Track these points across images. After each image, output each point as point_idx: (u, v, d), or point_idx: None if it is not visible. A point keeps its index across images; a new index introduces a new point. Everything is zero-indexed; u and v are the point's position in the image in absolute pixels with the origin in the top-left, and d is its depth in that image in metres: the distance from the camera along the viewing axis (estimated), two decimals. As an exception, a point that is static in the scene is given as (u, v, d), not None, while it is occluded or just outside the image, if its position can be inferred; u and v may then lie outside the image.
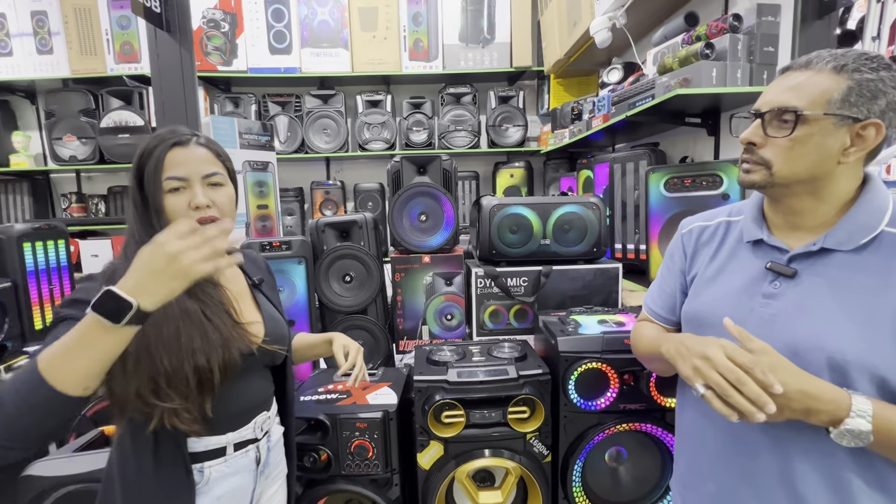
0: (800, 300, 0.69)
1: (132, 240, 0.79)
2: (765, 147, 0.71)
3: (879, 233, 0.67)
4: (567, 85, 3.17)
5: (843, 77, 0.65)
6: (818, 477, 0.66)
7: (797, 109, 0.66)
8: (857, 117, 0.65)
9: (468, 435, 1.19)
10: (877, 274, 0.65)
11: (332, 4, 3.05)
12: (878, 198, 0.69)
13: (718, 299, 0.78)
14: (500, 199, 1.59)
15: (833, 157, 0.67)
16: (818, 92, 0.66)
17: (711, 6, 1.88)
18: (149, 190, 0.78)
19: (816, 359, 0.65)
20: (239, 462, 0.84)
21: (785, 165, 0.69)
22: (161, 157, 0.78)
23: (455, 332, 1.63)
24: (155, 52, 1.36)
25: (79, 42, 3.07)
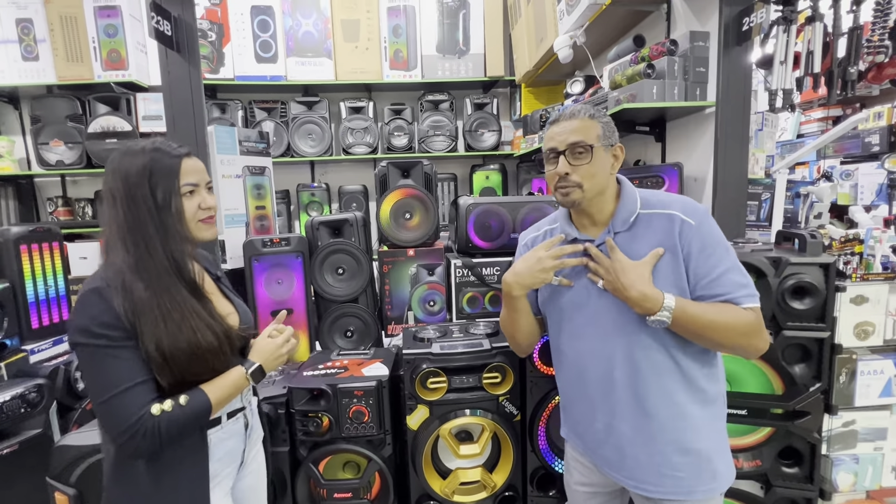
0: None
1: (131, 242, 0.87)
2: (573, 174, 0.97)
3: (637, 215, 0.99)
4: (537, 93, 3.43)
5: (596, 121, 0.99)
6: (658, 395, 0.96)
7: (587, 144, 0.96)
8: (612, 143, 1.00)
9: (450, 398, 1.40)
10: (640, 238, 0.97)
11: (316, 16, 3.22)
12: (631, 192, 1.02)
13: (560, 287, 1.06)
14: (475, 198, 1.81)
15: (608, 171, 1.00)
16: (592, 131, 0.97)
17: (656, 30, 2.15)
18: (163, 195, 0.89)
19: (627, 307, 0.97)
20: (232, 428, 1.01)
21: (589, 182, 0.98)
22: (177, 167, 0.91)
23: (437, 316, 1.84)
24: (166, 69, 1.52)
25: (65, 49, 3.14)
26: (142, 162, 0.89)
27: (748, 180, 1.75)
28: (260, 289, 1.71)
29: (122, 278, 0.85)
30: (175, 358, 0.86)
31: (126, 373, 0.84)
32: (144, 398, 0.84)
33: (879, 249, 1.44)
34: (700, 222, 0.95)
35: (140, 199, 0.88)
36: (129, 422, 0.82)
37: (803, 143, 2.88)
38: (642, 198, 1.01)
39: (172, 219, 0.90)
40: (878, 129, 2.35)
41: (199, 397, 0.89)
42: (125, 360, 0.84)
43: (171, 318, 0.86)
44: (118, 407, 0.82)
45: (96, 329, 0.82)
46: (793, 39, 1.66)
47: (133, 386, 0.84)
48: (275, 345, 1.03)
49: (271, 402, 1.38)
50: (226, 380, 0.93)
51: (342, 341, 1.83)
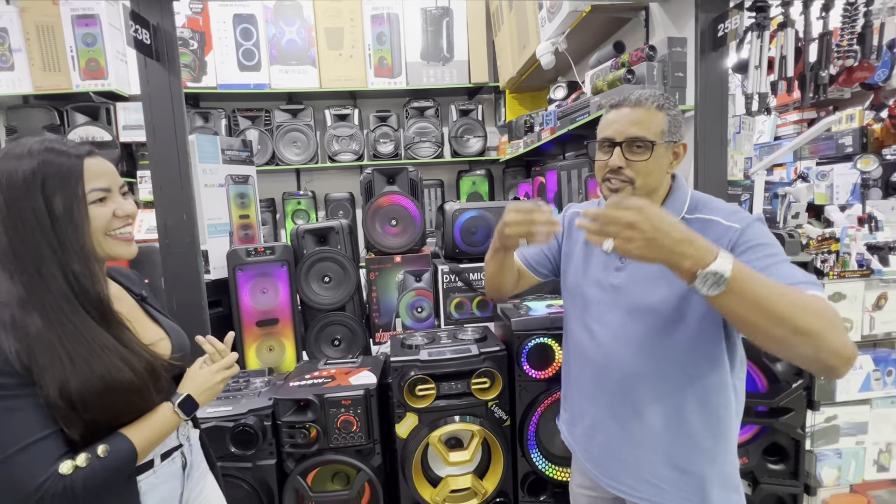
0: (635, 272, 0.93)
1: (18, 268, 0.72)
2: (629, 168, 0.90)
3: (682, 218, 0.90)
4: (521, 99, 3.46)
5: (664, 113, 0.90)
6: (659, 406, 0.89)
7: (647, 139, 0.88)
8: (675, 140, 0.92)
9: (438, 405, 1.39)
10: None
11: (300, 24, 3.22)
12: (681, 192, 0.94)
13: (585, 273, 1.02)
14: (461, 204, 1.81)
15: (666, 170, 0.92)
16: (655, 125, 0.89)
17: (635, 36, 2.19)
18: (62, 205, 0.73)
19: (643, 313, 0.90)
20: (167, 471, 0.86)
21: (644, 181, 0.90)
22: (78, 168, 0.75)
23: (425, 322, 1.84)
24: (145, 78, 1.49)
25: (42, 59, 3.08)
26: (29, 166, 0.72)
27: (728, 182, 1.78)
28: (245, 299, 1.68)
29: (10, 313, 0.69)
30: (85, 403, 0.71)
31: (24, 427, 0.68)
32: (50, 455, 0.69)
33: (854, 247, 1.48)
34: (746, 226, 0.84)
35: (28, 213, 0.72)
36: (31, 486, 0.67)
37: (780, 145, 2.95)
38: (694, 200, 0.92)
39: (74, 233, 0.74)
40: (850, 130, 2.43)
41: (120, 445, 0.74)
42: (21, 410, 0.68)
43: (78, 356, 0.71)
44: (17, 470, 0.67)
45: None
46: (766, 45, 1.71)
47: (35, 442, 0.68)
48: (208, 372, 0.89)
49: (257, 413, 1.36)
50: (152, 420, 0.80)
51: (329, 350, 1.81)
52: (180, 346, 0.92)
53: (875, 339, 1.53)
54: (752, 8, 1.68)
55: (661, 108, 0.90)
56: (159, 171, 1.54)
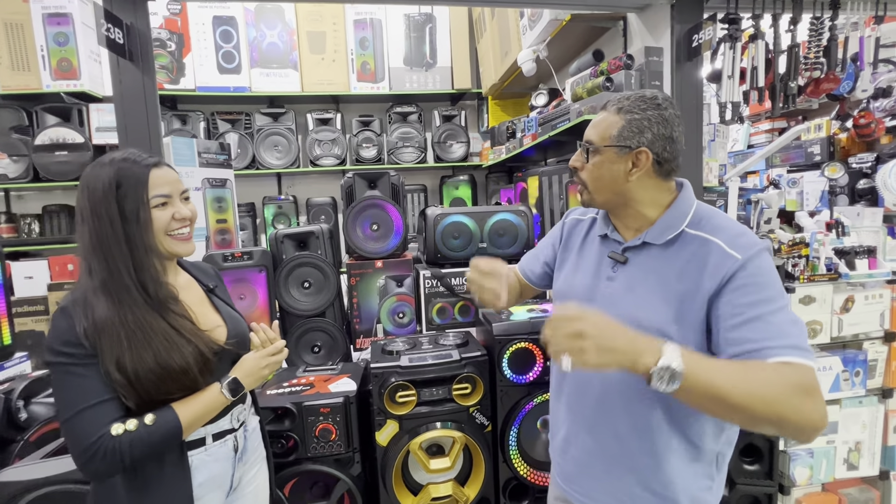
0: (628, 282, 0.88)
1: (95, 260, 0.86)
2: (583, 171, 0.91)
3: (681, 231, 0.84)
4: (504, 105, 3.50)
5: (619, 117, 0.85)
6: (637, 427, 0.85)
7: (591, 143, 0.88)
8: (629, 146, 0.84)
9: (419, 412, 1.38)
10: (675, 262, 0.83)
11: (281, 28, 3.19)
12: (683, 205, 0.87)
13: (577, 280, 0.98)
14: (442, 209, 1.81)
15: (621, 177, 0.86)
16: (604, 128, 0.86)
17: (614, 45, 2.24)
18: (130, 208, 0.87)
19: (631, 326, 0.83)
20: (219, 451, 0.95)
21: (593, 185, 0.89)
22: (145, 177, 0.89)
23: (407, 328, 1.82)
24: (118, 78, 1.45)
25: (10, 57, 2.98)
26: (108, 174, 0.87)
27: (703, 188, 1.83)
28: (221, 305, 1.64)
29: (85, 297, 0.85)
30: (139, 378, 0.84)
31: (87, 391, 0.82)
32: (105, 417, 0.82)
33: (823, 252, 1.53)
34: (749, 258, 0.77)
35: (104, 215, 0.86)
36: (87, 441, 0.80)
37: (753, 152, 3.05)
38: (698, 215, 0.85)
39: (139, 233, 0.88)
40: (818, 139, 2.52)
41: (167, 417, 0.86)
42: (87, 377, 0.82)
43: (135, 338, 0.84)
44: (77, 426, 0.81)
45: (60, 347, 0.82)
46: (738, 56, 1.77)
47: (94, 405, 0.82)
48: (255, 358, 0.99)
49: (232, 423, 1.32)
50: (200, 398, 0.90)
51: (309, 357, 1.78)
52: (236, 333, 1.01)
53: (843, 341, 1.58)
54: (724, 20, 1.74)
55: (620, 112, 0.85)
56: (132, 174, 1.49)
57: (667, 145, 0.84)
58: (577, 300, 0.94)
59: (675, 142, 0.85)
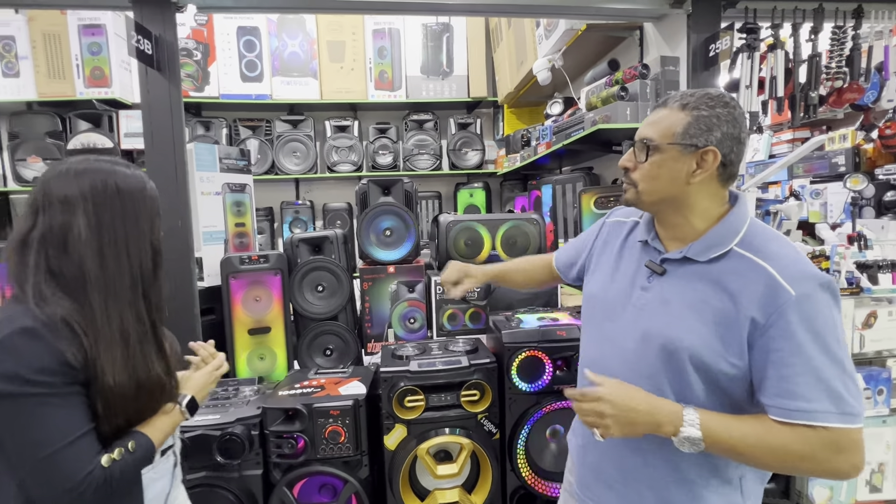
0: (663, 295, 0.84)
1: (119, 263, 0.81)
2: (635, 171, 0.85)
3: (729, 250, 0.78)
4: (519, 114, 3.51)
5: (685, 113, 0.79)
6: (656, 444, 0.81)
7: (651, 140, 0.82)
8: (696, 144, 0.78)
9: (427, 417, 1.39)
10: (719, 281, 0.78)
11: (302, 37, 3.28)
12: (737, 220, 0.80)
13: (610, 285, 0.94)
14: (455, 215, 1.83)
15: (682, 178, 0.80)
16: (667, 125, 0.81)
17: (629, 54, 2.24)
18: (152, 217, 0.87)
19: (659, 343, 0.81)
20: (163, 467, 0.91)
21: (646, 185, 0.83)
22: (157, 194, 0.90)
23: (418, 333, 1.83)
24: (146, 87, 1.52)
25: (47, 66, 3.13)
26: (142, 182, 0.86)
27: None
28: (237, 307, 1.68)
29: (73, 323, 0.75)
30: (126, 396, 0.79)
31: (69, 423, 0.74)
32: (91, 449, 0.75)
33: (844, 265, 1.49)
34: (805, 295, 0.71)
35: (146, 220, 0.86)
36: (78, 476, 0.72)
37: (774, 163, 2.99)
38: (751, 234, 0.79)
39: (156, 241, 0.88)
40: (843, 150, 2.46)
41: (141, 440, 0.82)
42: (67, 407, 0.74)
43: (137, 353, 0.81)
44: (65, 462, 0.72)
45: (32, 376, 0.70)
46: (756, 65, 1.75)
47: (79, 437, 0.74)
48: (203, 374, 0.99)
49: (244, 422, 1.35)
50: (162, 419, 0.87)
51: (321, 360, 1.81)
52: (175, 351, 0.96)
53: (866, 358, 1.53)
54: (742, 30, 1.72)
55: (685, 108, 0.79)
56: (156, 179, 1.53)
57: (734, 147, 0.79)
58: (607, 307, 0.92)
59: (742, 144, 0.80)
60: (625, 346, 0.86)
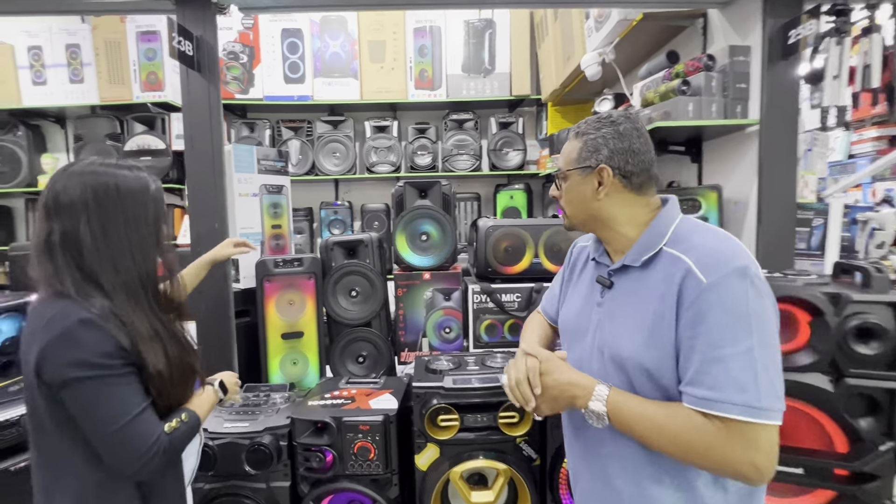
0: (611, 307, 0.85)
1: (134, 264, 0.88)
2: (560, 199, 0.91)
3: (659, 251, 0.80)
4: (564, 112, 3.34)
5: (578, 140, 0.86)
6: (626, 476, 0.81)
7: (560, 171, 0.89)
8: (589, 165, 0.84)
9: (462, 438, 1.29)
10: (652, 283, 0.79)
11: (344, 38, 3.27)
12: (662, 223, 0.83)
13: (574, 308, 0.95)
14: (495, 220, 1.72)
15: (590, 197, 0.85)
16: (567, 154, 0.88)
17: (691, 45, 2.04)
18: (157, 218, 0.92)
19: (609, 355, 0.82)
20: (193, 447, 1.01)
21: (569, 210, 0.90)
22: (163, 194, 0.96)
23: (453, 344, 1.74)
24: (186, 88, 1.52)
25: (108, 72, 3.29)
26: (146, 183, 0.91)
27: (797, 204, 1.59)
28: (271, 310, 1.66)
29: (112, 307, 0.84)
30: (175, 383, 0.90)
31: (133, 399, 0.84)
32: (155, 419, 0.87)
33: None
34: (715, 283, 0.71)
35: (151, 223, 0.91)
36: (148, 442, 0.83)
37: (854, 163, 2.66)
38: (680, 232, 0.81)
39: (161, 240, 0.93)
40: (944, 149, 2.14)
41: (191, 413, 0.94)
42: (129, 385, 0.84)
43: (171, 345, 0.91)
44: (135, 431, 0.83)
45: (96, 360, 0.80)
46: (847, 52, 1.52)
47: (144, 409, 0.85)
48: (232, 374, 1.12)
49: (273, 432, 1.31)
50: (202, 398, 1.00)
51: (354, 367, 1.76)
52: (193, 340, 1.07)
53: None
54: (830, 12, 1.50)
55: (578, 136, 0.87)
56: (195, 181, 1.55)
57: (628, 158, 0.83)
58: (576, 330, 0.93)
59: (638, 153, 0.83)
60: (591, 367, 0.86)
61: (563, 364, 0.83)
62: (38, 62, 3.30)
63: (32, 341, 0.81)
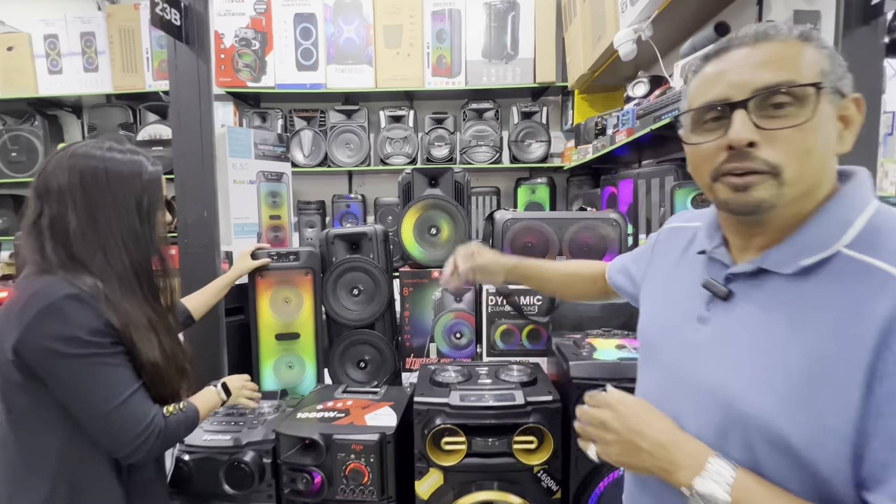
0: (724, 330, 0.57)
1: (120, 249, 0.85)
2: (771, 144, 0.51)
3: (834, 254, 0.50)
4: (592, 100, 3.10)
5: (812, 47, 0.52)
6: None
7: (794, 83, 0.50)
8: (842, 92, 0.52)
9: (470, 464, 1.10)
10: (813, 305, 0.50)
11: (358, 22, 3.12)
12: (847, 207, 0.52)
13: (657, 313, 0.71)
14: (513, 212, 1.53)
15: (832, 145, 0.52)
16: (808, 61, 0.51)
17: (744, 15, 1.79)
18: (150, 206, 0.88)
19: (713, 400, 0.55)
20: None
21: (800, 167, 0.50)
22: (160, 181, 0.92)
23: (464, 351, 1.56)
24: (174, 63, 1.39)
25: (122, 60, 3.25)
26: (134, 165, 0.87)
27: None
28: (264, 308, 1.51)
29: (100, 288, 0.82)
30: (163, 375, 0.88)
31: (127, 378, 0.82)
32: (149, 400, 0.85)
33: None
34: None
35: (132, 207, 0.86)
36: (144, 422, 0.82)
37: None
38: (873, 226, 0.50)
39: (152, 232, 0.89)
40: None
41: (190, 405, 0.92)
42: (121, 366, 0.82)
43: (161, 334, 0.88)
44: (130, 411, 0.81)
45: (88, 337, 0.77)
46: (946, 14, 1.26)
47: (137, 390, 0.83)
48: (241, 378, 1.11)
49: (256, 448, 1.16)
50: (202, 395, 0.99)
51: (355, 372, 1.60)
52: None
53: None
54: (926, -36, 1.24)
55: (809, 40, 0.52)
56: (182, 165, 1.42)
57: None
58: (658, 342, 0.68)
59: None
60: (677, 404, 0.60)
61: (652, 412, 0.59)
62: (54, 51, 3.27)
63: (10, 318, 0.76)
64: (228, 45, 3.10)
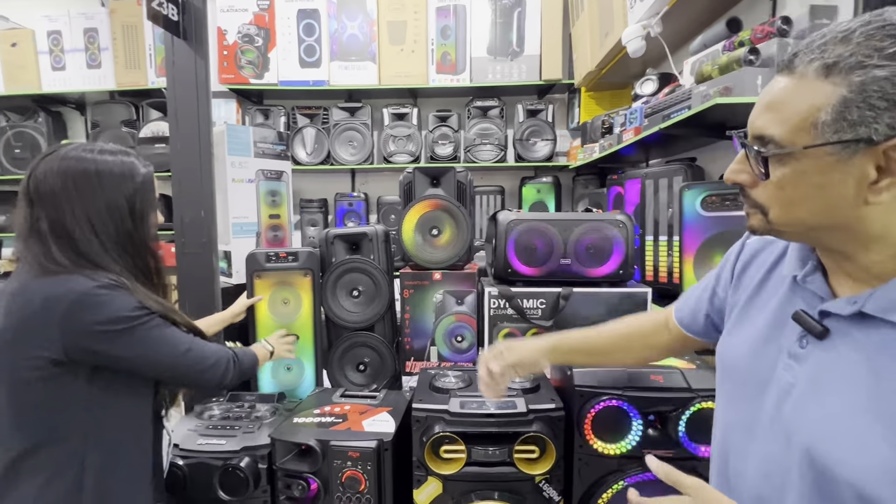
0: (821, 375, 0.51)
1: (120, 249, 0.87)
2: (755, 188, 0.52)
3: None
4: (599, 98, 3.05)
5: (833, 82, 0.44)
6: None
7: (769, 139, 0.48)
8: (867, 139, 0.43)
9: (469, 473, 1.07)
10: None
11: (362, 18, 3.08)
12: None
13: (745, 343, 0.62)
14: (517, 213, 1.49)
15: (850, 197, 0.46)
16: (800, 112, 0.46)
17: (757, 11, 1.73)
18: (144, 206, 0.90)
19: (801, 454, 0.49)
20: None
21: (782, 212, 0.50)
22: (152, 182, 0.93)
23: (466, 354, 1.53)
24: (171, 59, 1.36)
25: (125, 57, 3.23)
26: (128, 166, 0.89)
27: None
28: (262, 309, 1.48)
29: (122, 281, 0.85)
30: None
31: (181, 332, 0.91)
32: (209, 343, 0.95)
33: None
34: None
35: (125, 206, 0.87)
36: (216, 356, 0.94)
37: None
38: None
39: (147, 232, 0.91)
40: None
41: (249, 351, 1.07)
42: (170, 326, 0.89)
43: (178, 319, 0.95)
44: (199, 351, 0.91)
45: (134, 312, 0.82)
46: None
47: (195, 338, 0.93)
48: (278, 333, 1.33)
49: (252, 453, 1.13)
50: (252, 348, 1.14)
51: (354, 376, 1.57)
52: None
53: None
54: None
55: (831, 72, 0.44)
56: (179, 163, 1.39)
57: None
58: (743, 380, 0.60)
59: None
60: (764, 453, 0.55)
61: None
62: (58, 47, 3.26)
63: (27, 321, 0.76)
64: (231, 42, 3.08)
